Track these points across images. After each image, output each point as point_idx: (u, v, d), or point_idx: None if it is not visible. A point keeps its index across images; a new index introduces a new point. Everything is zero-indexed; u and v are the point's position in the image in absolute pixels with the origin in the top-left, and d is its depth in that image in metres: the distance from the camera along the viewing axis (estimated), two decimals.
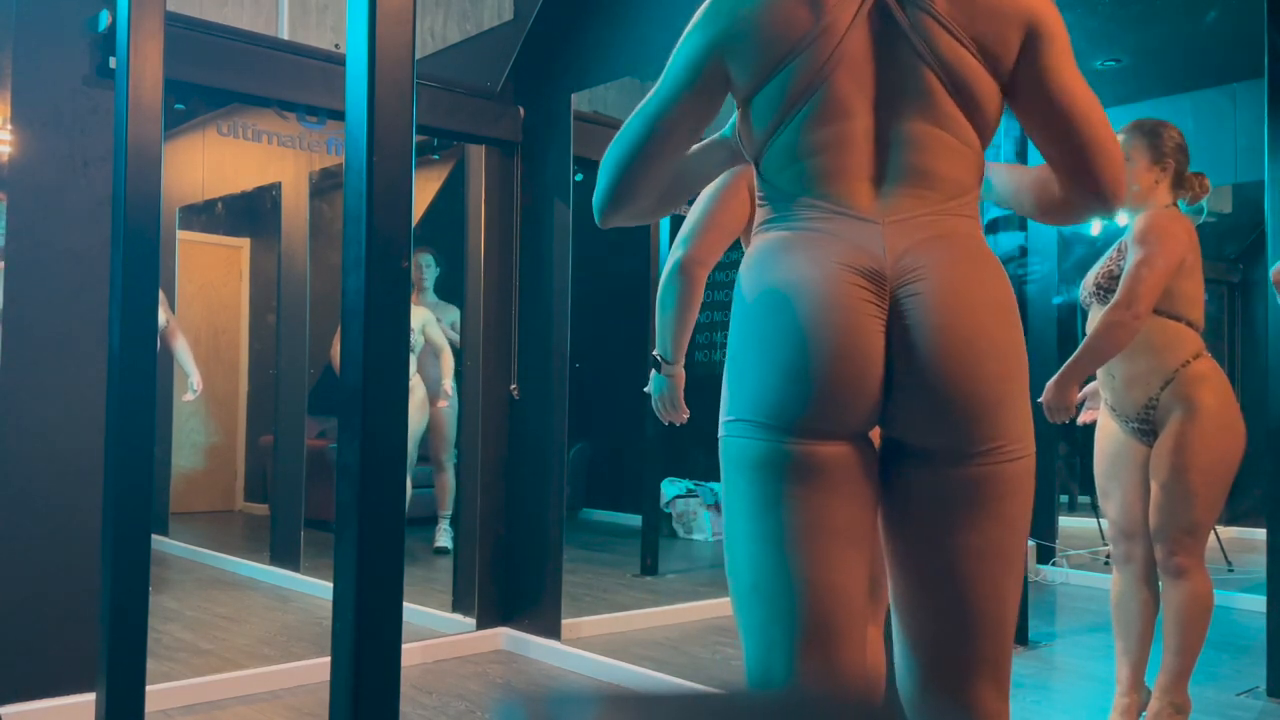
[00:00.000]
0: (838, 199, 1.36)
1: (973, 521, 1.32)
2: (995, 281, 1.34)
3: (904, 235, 1.33)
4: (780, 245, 1.37)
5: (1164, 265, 2.52)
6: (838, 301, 1.29)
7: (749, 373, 1.35)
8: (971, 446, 1.30)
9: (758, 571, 1.33)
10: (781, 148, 1.40)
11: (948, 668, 1.37)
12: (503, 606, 3.94)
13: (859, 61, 1.37)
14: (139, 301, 1.99)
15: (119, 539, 1.96)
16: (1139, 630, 2.71)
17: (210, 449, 6.99)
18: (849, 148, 1.37)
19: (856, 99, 1.37)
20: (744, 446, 1.34)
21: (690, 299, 2.02)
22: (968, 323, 1.29)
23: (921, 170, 1.36)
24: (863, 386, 1.30)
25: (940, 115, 1.37)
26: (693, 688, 1.88)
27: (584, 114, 4.07)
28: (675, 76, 1.44)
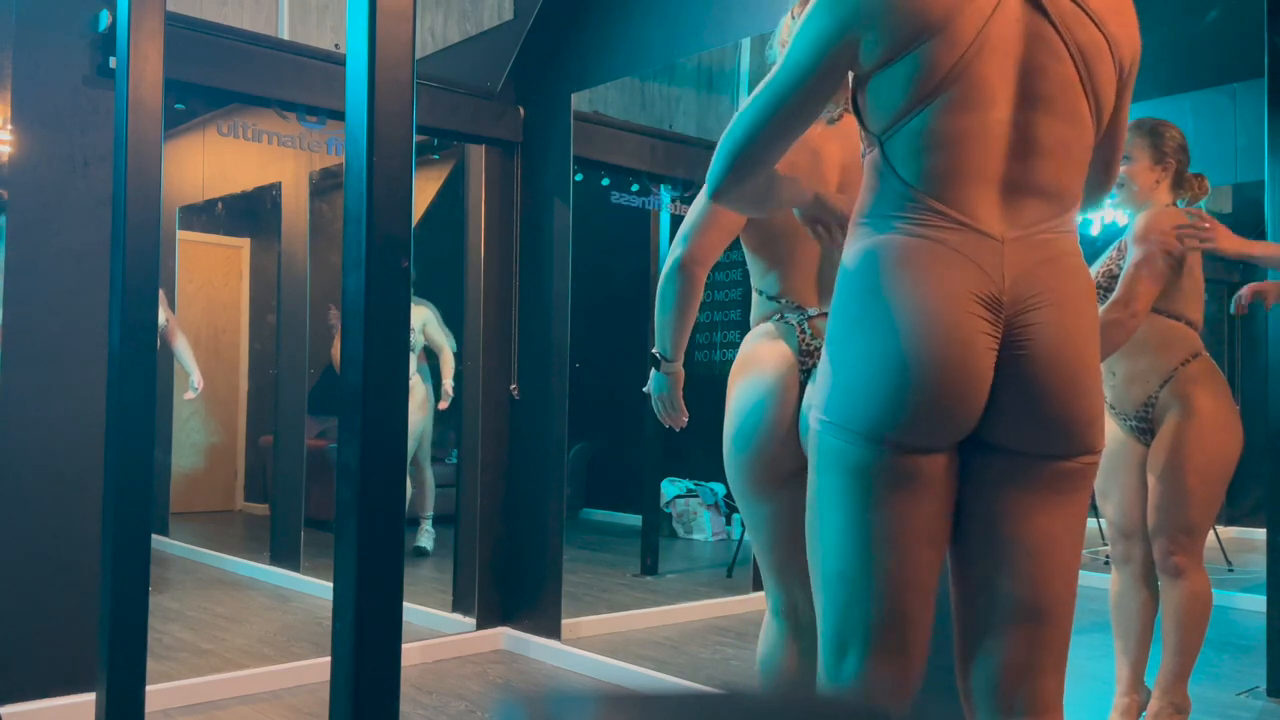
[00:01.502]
0: (963, 207, 1.35)
1: (1058, 508, 1.38)
2: (1092, 306, 1.40)
3: (1023, 255, 1.35)
4: (902, 254, 1.35)
5: (1162, 265, 2.52)
6: (957, 334, 1.32)
7: (857, 382, 1.36)
8: (1073, 452, 1.38)
9: (845, 562, 1.39)
10: (912, 133, 1.37)
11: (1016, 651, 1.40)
12: (503, 606, 3.94)
13: (1005, 48, 1.35)
14: (139, 301, 1.99)
15: (119, 539, 1.96)
16: (1138, 630, 2.71)
17: (210, 449, 6.99)
18: (982, 145, 1.35)
19: (999, 88, 1.35)
20: (842, 450, 1.37)
21: (690, 297, 2.02)
22: (1076, 356, 1.35)
23: (1049, 181, 1.37)
24: (968, 413, 1.35)
25: (1074, 114, 1.37)
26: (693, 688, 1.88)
27: (584, 114, 4.07)
28: (803, 55, 1.41)
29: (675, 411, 2.16)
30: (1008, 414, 1.35)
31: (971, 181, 1.35)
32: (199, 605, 4.60)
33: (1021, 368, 1.33)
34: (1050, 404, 1.34)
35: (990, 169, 1.35)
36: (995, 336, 1.33)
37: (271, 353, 5.83)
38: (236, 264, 7.16)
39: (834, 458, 1.38)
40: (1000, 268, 1.34)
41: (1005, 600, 1.39)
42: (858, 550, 1.37)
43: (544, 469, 3.86)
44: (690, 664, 3.66)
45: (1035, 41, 1.35)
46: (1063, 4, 1.36)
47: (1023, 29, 1.35)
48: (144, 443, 1.99)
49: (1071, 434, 1.36)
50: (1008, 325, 1.33)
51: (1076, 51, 1.36)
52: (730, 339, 6.20)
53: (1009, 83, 1.35)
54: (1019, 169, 1.36)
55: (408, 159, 1.45)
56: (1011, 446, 1.37)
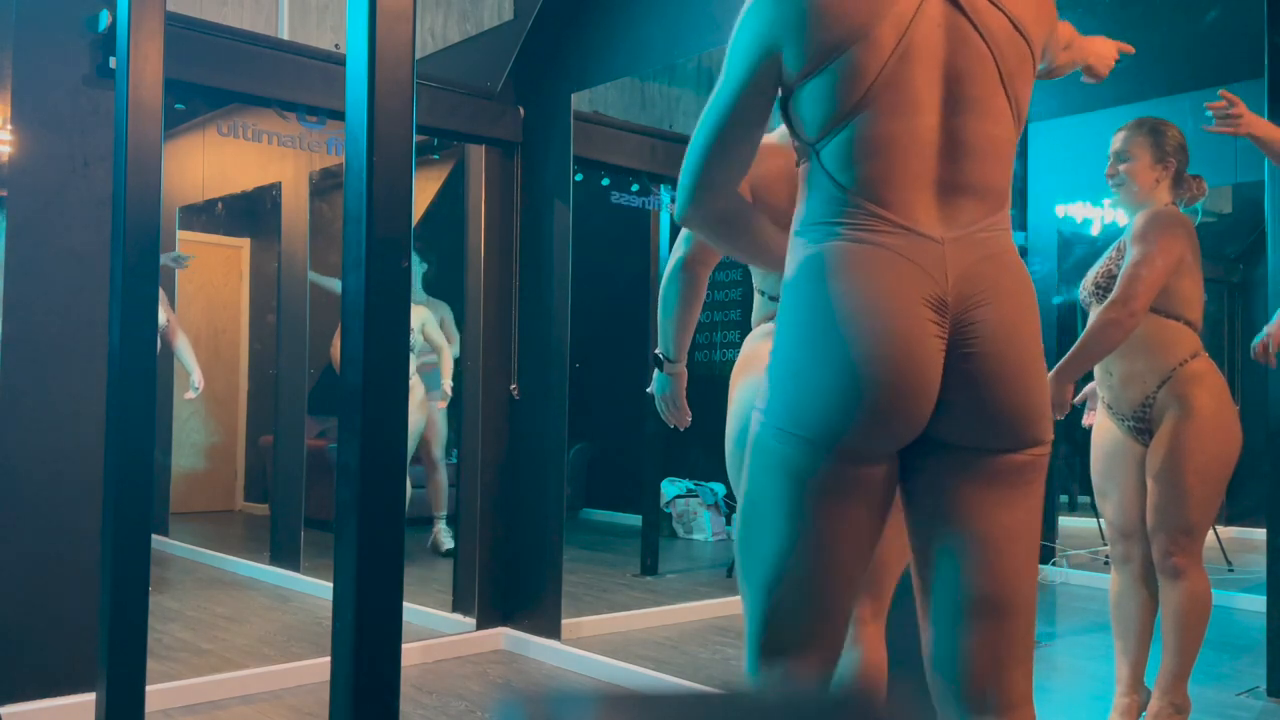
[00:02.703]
0: (902, 210, 1.36)
1: (1012, 502, 1.38)
2: (1032, 300, 1.42)
3: (963, 255, 1.36)
4: (845, 260, 1.36)
5: (1161, 264, 2.52)
6: (908, 336, 1.32)
7: (807, 388, 1.36)
8: (1017, 445, 1.38)
9: (780, 567, 1.40)
10: (845, 142, 1.38)
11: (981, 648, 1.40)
12: (503, 606, 3.94)
13: (929, 52, 1.36)
14: (139, 301, 1.99)
15: (119, 539, 1.96)
16: (1138, 630, 2.71)
17: (210, 449, 6.99)
18: (915, 150, 1.37)
19: (925, 92, 1.36)
20: (787, 455, 1.37)
21: (693, 298, 2.02)
22: (1021, 351, 1.36)
23: (980, 180, 1.39)
24: (919, 415, 1.35)
25: (997, 113, 1.39)
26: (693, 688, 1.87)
27: (584, 114, 4.07)
28: (733, 72, 1.44)
29: (678, 411, 2.16)
30: (957, 411, 1.36)
31: (907, 186, 1.37)
32: (199, 605, 4.60)
33: (969, 365, 1.35)
34: (999, 399, 1.35)
35: (924, 173, 1.37)
36: (943, 337, 1.34)
37: (271, 353, 5.82)
38: (236, 264, 7.16)
39: (777, 462, 1.38)
40: (943, 268, 1.35)
41: (967, 596, 1.39)
42: (793, 556, 1.38)
43: (544, 469, 3.86)
44: (690, 664, 3.66)
45: (957, 43, 1.37)
46: (980, 4, 1.38)
47: (944, 32, 1.37)
48: (144, 443, 1.99)
49: (1020, 427, 1.36)
50: (954, 324, 1.35)
51: (997, 51, 1.38)
52: (730, 339, 6.21)
53: (935, 87, 1.37)
54: (951, 171, 1.38)
55: (408, 159, 1.45)
56: (962, 442, 1.38)
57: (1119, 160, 2.65)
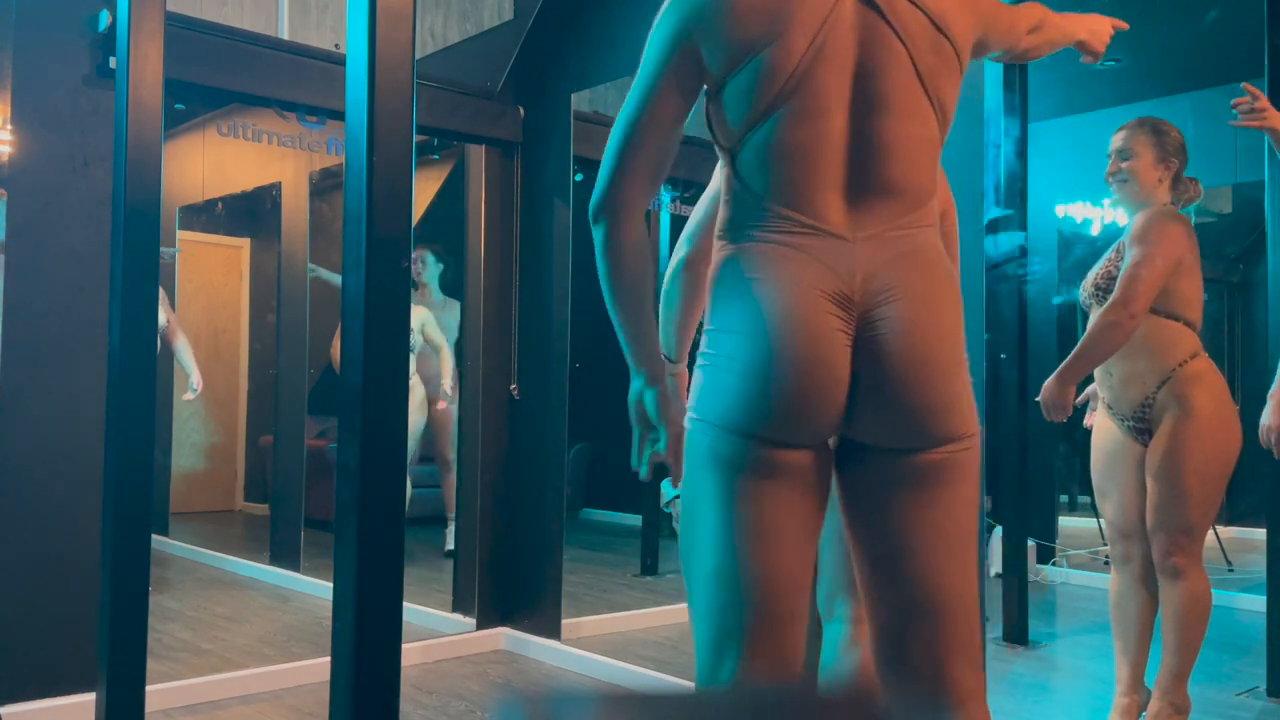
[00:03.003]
0: (812, 212, 1.38)
1: (933, 501, 1.38)
2: (951, 297, 1.41)
3: (874, 253, 1.37)
4: (756, 259, 1.38)
5: (1161, 265, 2.52)
6: (810, 330, 1.34)
7: (722, 380, 1.38)
8: (928, 444, 1.38)
9: (717, 560, 1.39)
10: (758, 146, 1.40)
11: (921, 649, 1.40)
12: (503, 606, 3.94)
13: (841, 53, 1.37)
14: (139, 301, 1.99)
15: (119, 539, 1.96)
16: (1138, 630, 2.71)
17: (210, 449, 6.99)
18: (824, 152, 1.38)
19: (835, 94, 1.37)
20: (709, 445, 1.39)
21: (694, 298, 2.02)
22: (927, 348, 1.36)
23: (895, 180, 1.39)
24: (828, 408, 1.36)
25: (914, 112, 1.39)
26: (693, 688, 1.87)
27: (584, 114, 4.07)
28: (649, 69, 1.45)
29: None
30: (867, 410, 1.37)
31: (818, 188, 1.38)
32: (199, 605, 4.60)
33: (874, 362, 1.35)
34: (905, 396, 1.35)
35: (834, 175, 1.38)
36: (848, 333, 1.35)
37: (271, 353, 5.82)
38: (236, 264, 7.16)
39: (703, 454, 1.39)
40: (851, 266, 1.36)
41: (901, 600, 1.40)
42: (730, 547, 1.37)
43: (544, 469, 3.86)
44: (690, 664, 3.63)
45: (871, 42, 1.37)
46: (897, 2, 1.38)
47: (858, 32, 1.37)
48: (144, 443, 1.99)
49: (929, 424, 1.36)
50: (860, 321, 1.36)
51: (912, 46, 1.38)
52: None
53: (845, 89, 1.37)
54: (863, 172, 1.38)
55: (408, 159, 1.45)
56: (877, 443, 1.39)
57: (1121, 158, 2.64)
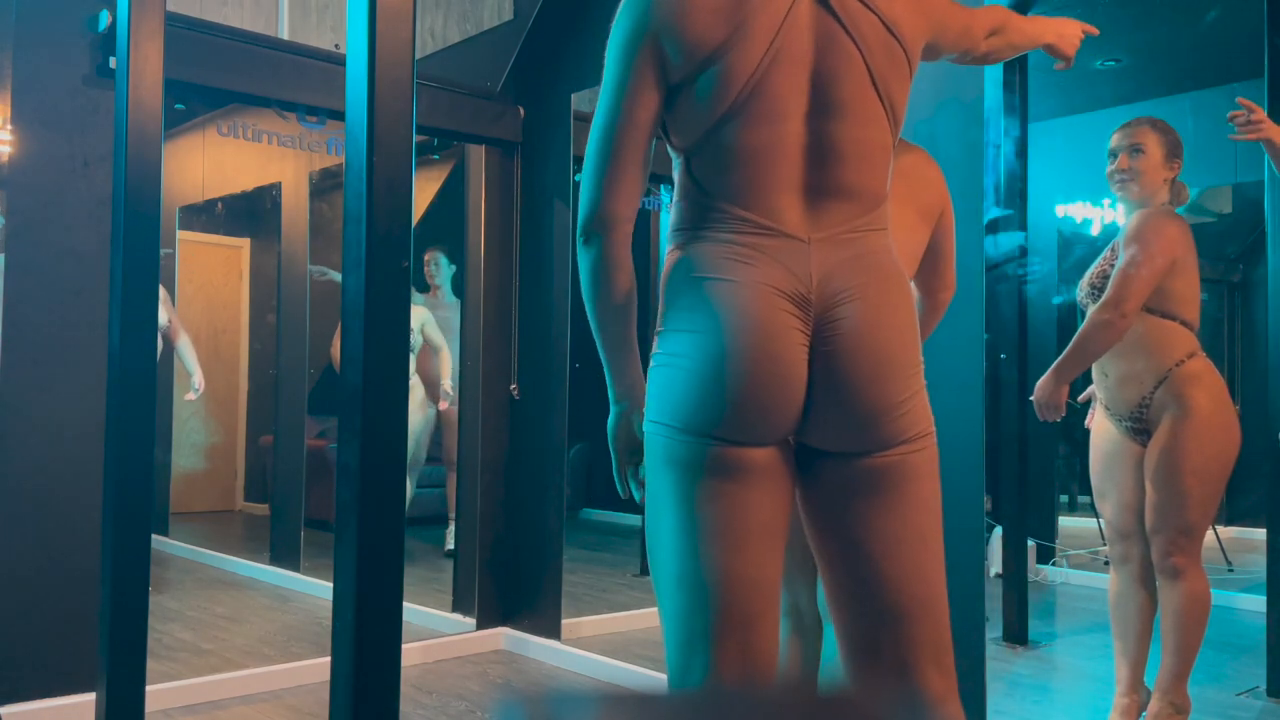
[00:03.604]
0: (768, 213, 1.37)
1: (888, 505, 1.38)
2: (903, 300, 1.41)
3: (829, 255, 1.37)
4: (712, 260, 1.38)
5: (1155, 265, 2.52)
6: (767, 331, 1.33)
7: (677, 381, 1.38)
8: (881, 446, 1.37)
9: (682, 563, 1.37)
10: (715, 148, 1.40)
11: (888, 654, 1.39)
12: (503, 606, 3.94)
13: (797, 57, 1.37)
14: (139, 301, 1.99)
15: (119, 539, 1.96)
16: (1137, 630, 2.71)
17: (210, 449, 6.99)
18: (781, 156, 1.38)
19: (791, 99, 1.37)
20: (668, 446, 1.38)
21: None
22: (882, 349, 1.36)
23: (849, 184, 1.39)
24: (786, 408, 1.36)
25: (868, 116, 1.40)
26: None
27: (584, 114, 4.07)
28: (617, 72, 1.43)
29: None
30: (821, 411, 1.36)
31: (773, 191, 1.38)
32: (199, 605, 4.60)
33: (829, 363, 1.35)
34: (858, 396, 1.35)
35: (790, 178, 1.38)
36: (805, 333, 1.35)
37: (271, 353, 5.82)
38: (236, 264, 7.16)
39: (662, 456, 1.39)
40: (807, 267, 1.36)
41: (865, 606, 1.39)
42: (692, 549, 1.36)
43: (544, 469, 3.87)
44: None
45: (826, 47, 1.37)
46: (851, 5, 1.38)
47: (813, 36, 1.37)
48: (144, 443, 1.99)
49: (879, 426, 1.36)
50: (817, 322, 1.35)
51: (866, 51, 1.38)
52: None
53: (802, 93, 1.38)
54: (818, 175, 1.38)
55: (408, 159, 1.45)
56: (830, 447, 1.38)
57: (1132, 154, 2.63)
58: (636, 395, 1.53)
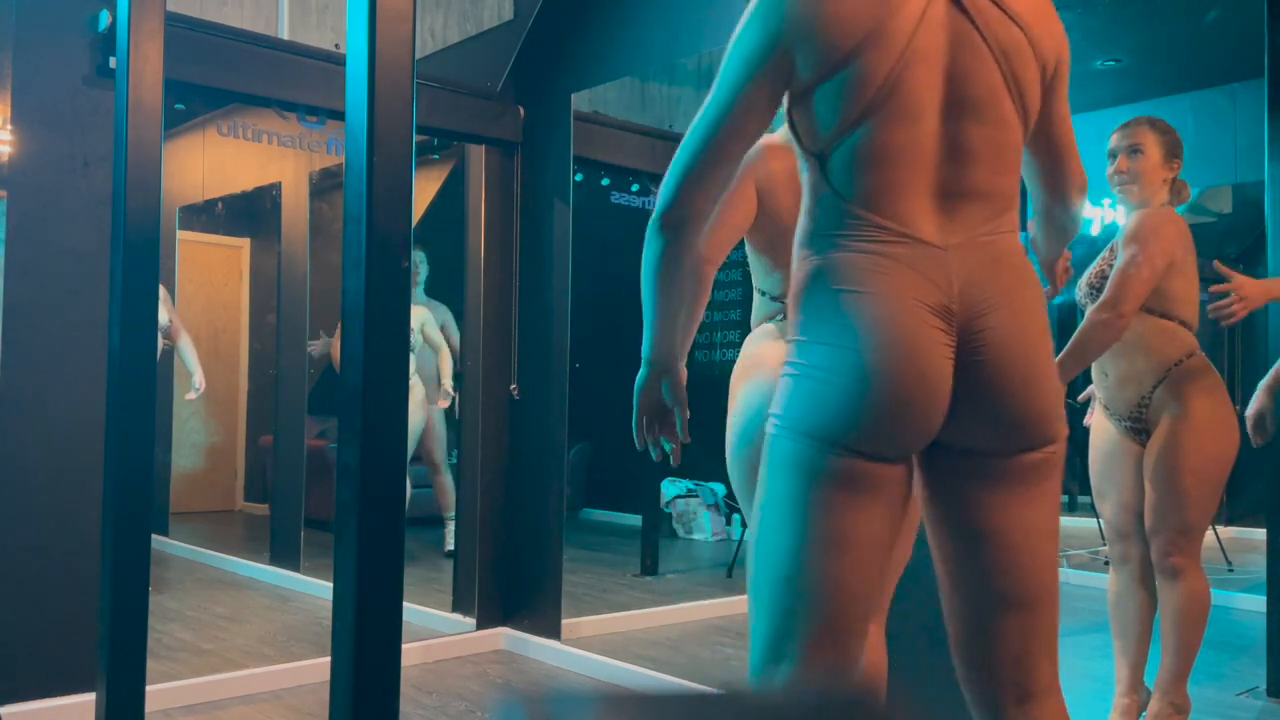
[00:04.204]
0: (904, 220, 1.36)
1: (1029, 498, 1.40)
2: (1040, 303, 1.42)
3: (967, 261, 1.37)
4: (850, 271, 1.36)
5: (1153, 265, 2.51)
6: (914, 347, 1.33)
7: (818, 391, 1.36)
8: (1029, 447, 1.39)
9: (791, 566, 1.38)
10: (850, 150, 1.38)
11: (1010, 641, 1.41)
12: (503, 606, 3.94)
13: (932, 56, 1.36)
14: (139, 301, 1.99)
15: (119, 539, 1.96)
16: (1137, 630, 2.71)
17: (210, 449, 6.99)
18: (916, 157, 1.37)
19: (927, 98, 1.37)
20: (796, 452, 1.37)
21: (698, 298, 2.02)
22: (1029, 354, 1.37)
23: (982, 185, 1.39)
24: (929, 423, 1.36)
25: (1000, 117, 1.39)
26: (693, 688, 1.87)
27: (584, 114, 4.07)
28: (736, 72, 1.42)
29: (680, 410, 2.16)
30: (968, 418, 1.37)
31: (908, 194, 1.37)
32: (199, 605, 4.60)
33: (978, 373, 1.35)
34: (1009, 405, 1.36)
35: (925, 179, 1.37)
36: (950, 345, 1.35)
37: (271, 353, 5.82)
38: (236, 264, 7.16)
39: (790, 462, 1.38)
40: (947, 276, 1.35)
41: (993, 596, 1.41)
42: (805, 557, 1.37)
43: (544, 469, 3.86)
44: (690, 664, 3.66)
45: (960, 46, 1.37)
46: (983, 5, 1.38)
47: (947, 34, 1.37)
48: (144, 443, 1.99)
49: (1032, 429, 1.38)
50: (961, 332, 1.35)
51: (999, 52, 1.38)
52: (730, 339, 6.20)
53: (937, 91, 1.37)
54: (952, 176, 1.38)
55: (408, 159, 1.45)
56: (975, 448, 1.39)
57: (1131, 154, 2.63)
58: (670, 363, 1.65)
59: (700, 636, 4.07)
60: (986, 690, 1.44)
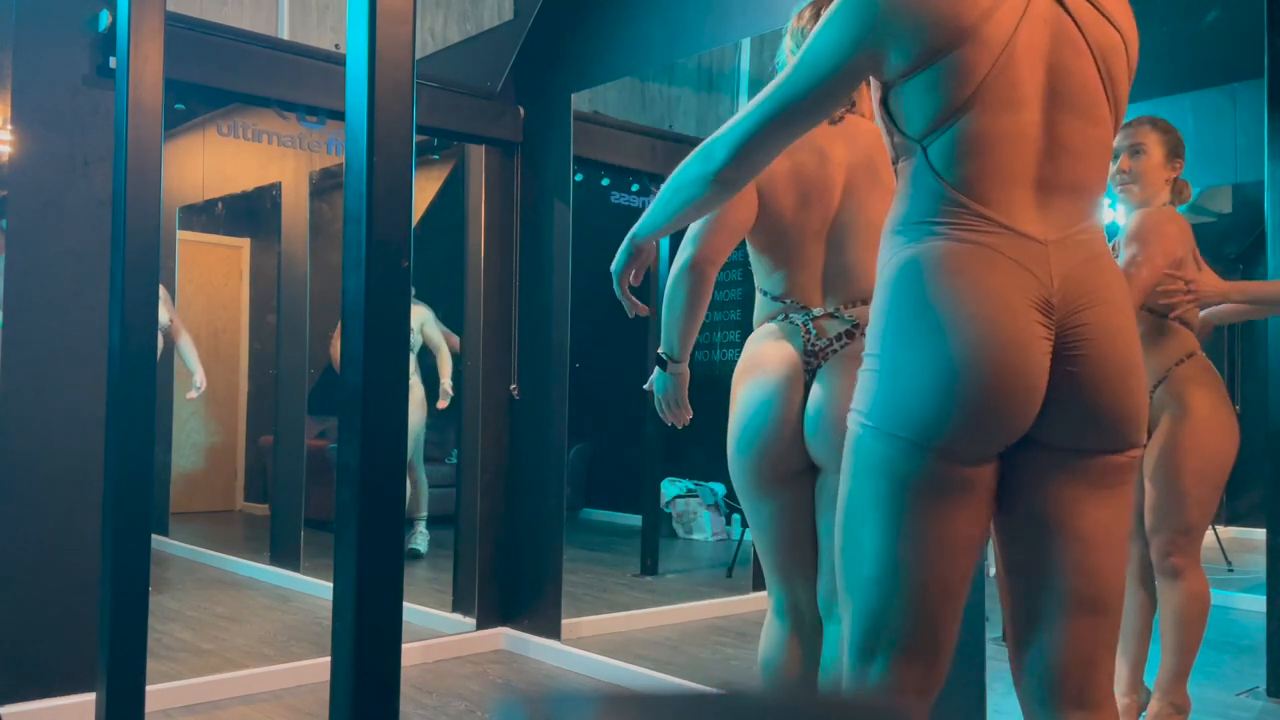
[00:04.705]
0: (1002, 210, 1.36)
1: (1110, 500, 1.40)
2: (1129, 303, 1.42)
3: (1066, 257, 1.36)
4: (949, 261, 1.35)
5: (1154, 265, 2.51)
6: (1015, 340, 1.32)
7: (909, 389, 1.35)
8: (1119, 447, 1.39)
9: (881, 568, 1.39)
10: (952, 138, 1.37)
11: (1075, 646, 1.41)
12: (503, 606, 3.94)
13: (1035, 47, 1.37)
14: (139, 301, 1.99)
15: (119, 539, 1.96)
16: (1137, 630, 2.71)
17: (210, 449, 6.99)
18: (1018, 147, 1.36)
19: (1030, 89, 1.37)
20: (888, 456, 1.37)
21: (700, 298, 2.02)
22: (1124, 352, 1.37)
23: (1078, 180, 1.39)
24: (1023, 419, 1.36)
25: (1096, 113, 1.40)
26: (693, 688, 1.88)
27: (584, 114, 4.07)
28: (820, 58, 1.41)
29: (680, 410, 2.16)
30: (1061, 414, 1.36)
31: (1009, 184, 1.36)
32: (199, 605, 4.60)
33: (1076, 368, 1.35)
34: (1103, 402, 1.36)
35: (1025, 171, 1.37)
36: (1050, 340, 1.34)
37: (271, 353, 5.82)
38: (236, 264, 7.16)
39: (878, 463, 1.37)
40: (1048, 270, 1.35)
41: (1063, 594, 1.40)
42: (896, 557, 1.37)
43: (544, 469, 3.86)
44: (690, 664, 3.65)
45: (1062, 41, 1.38)
46: (1082, 4, 1.39)
47: (1050, 29, 1.38)
48: (144, 443, 1.99)
49: (1121, 429, 1.37)
50: (1060, 328, 1.35)
51: (1097, 50, 1.39)
52: (730, 339, 6.20)
53: (1039, 83, 1.37)
54: (1051, 169, 1.37)
55: (408, 159, 1.45)
56: (1063, 444, 1.38)
57: (1132, 154, 2.63)
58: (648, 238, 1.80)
59: (700, 636, 4.07)
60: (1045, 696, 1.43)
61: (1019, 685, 1.47)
